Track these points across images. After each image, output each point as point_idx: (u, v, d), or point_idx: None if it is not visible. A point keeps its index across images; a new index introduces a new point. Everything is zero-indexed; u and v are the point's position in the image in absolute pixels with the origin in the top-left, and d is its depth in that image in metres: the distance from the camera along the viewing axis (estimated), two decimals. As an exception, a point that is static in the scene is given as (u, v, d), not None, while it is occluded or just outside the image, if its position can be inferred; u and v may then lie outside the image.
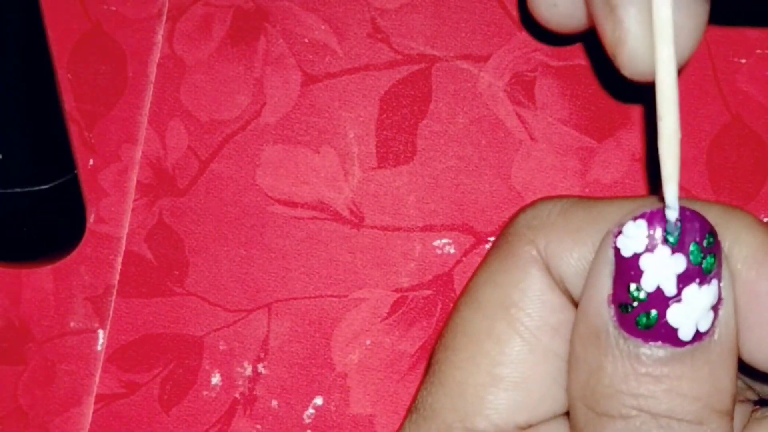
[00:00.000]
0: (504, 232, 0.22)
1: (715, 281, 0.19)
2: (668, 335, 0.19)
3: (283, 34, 0.33)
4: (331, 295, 0.33)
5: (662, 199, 0.20)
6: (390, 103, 0.33)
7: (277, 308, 0.33)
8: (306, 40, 0.33)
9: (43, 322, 0.33)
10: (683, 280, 0.19)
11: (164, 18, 0.33)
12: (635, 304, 0.19)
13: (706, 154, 0.32)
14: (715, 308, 0.19)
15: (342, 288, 0.33)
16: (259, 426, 0.33)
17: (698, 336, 0.19)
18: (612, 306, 0.20)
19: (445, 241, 0.33)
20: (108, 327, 0.33)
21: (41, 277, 0.33)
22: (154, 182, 0.33)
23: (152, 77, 0.33)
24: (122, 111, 0.33)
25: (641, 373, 0.19)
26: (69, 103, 0.33)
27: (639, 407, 0.19)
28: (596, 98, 0.33)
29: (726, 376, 0.19)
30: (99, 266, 0.33)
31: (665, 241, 0.19)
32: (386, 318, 0.33)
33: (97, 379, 0.33)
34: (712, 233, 0.19)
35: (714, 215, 0.20)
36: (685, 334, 0.19)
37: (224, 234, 0.33)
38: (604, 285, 0.20)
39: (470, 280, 0.22)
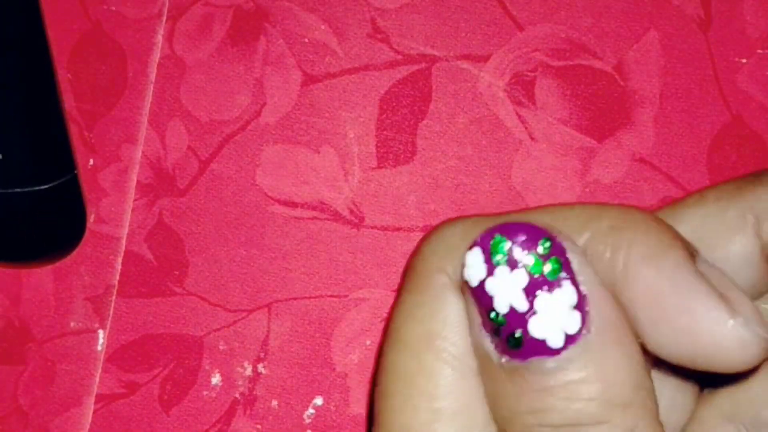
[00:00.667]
0: (411, 265, 0.22)
1: (566, 282, 0.19)
2: (539, 348, 0.19)
3: (283, 34, 0.33)
4: (331, 295, 0.33)
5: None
6: (390, 103, 0.33)
7: (277, 308, 0.33)
8: (306, 40, 0.33)
9: (43, 322, 0.33)
10: (530, 292, 0.19)
11: (164, 18, 0.33)
12: (500, 328, 0.19)
13: (706, 154, 0.32)
14: (580, 307, 0.19)
15: (342, 288, 0.33)
16: (259, 426, 0.33)
17: (570, 339, 0.19)
18: (486, 334, 0.20)
19: (445, 241, 0.33)
20: (108, 327, 0.33)
21: (41, 277, 0.33)
22: (154, 182, 0.33)
23: (152, 77, 0.33)
24: (122, 111, 0.33)
25: (531, 390, 0.19)
26: (69, 103, 0.33)
27: (539, 423, 0.19)
28: (596, 98, 0.33)
29: (618, 367, 0.19)
30: (99, 266, 0.33)
31: (501, 261, 0.19)
32: (386, 318, 0.33)
33: (97, 379, 0.33)
34: (547, 237, 0.19)
35: (611, 217, 0.20)
36: (555, 341, 0.19)
37: (224, 234, 0.33)
38: (476, 315, 0.20)
39: (388, 321, 0.22)
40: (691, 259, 0.20)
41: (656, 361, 0.23)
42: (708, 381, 0.25)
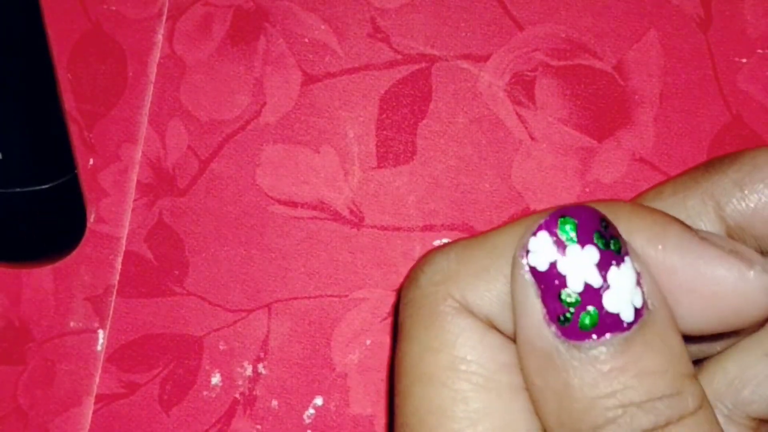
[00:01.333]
0: (410, 298, 0.22)
1: (627, 258, 0.20)
2: (614, 323, 0.19)
3: (283, 34, 0.33)
4: (331, 295, 0.33)
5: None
6: (390, 103, 0.33)
7: (277, 308, 0.33)
8: (306, 40, 0.33)
9: (43, 322, 0.33)
10: (602, 267, 0.20)
11: (164, 18, 0.33)
12: (572, 309, 0.20)
13: (706, 154, 0.32)
14: (638, 282, 0.20)
15: (342, 288, 0.33)
16: (259, 426, 0.33)
17: (638, 312, 0.20)
18: (551, 323, 0.20)
19: (445, 240, 0.33)
20: (108, 327, 0.33)
21: (41, 277, 0.33)
22: (154, 182, 0.33)
23: (152, 77, 0.33)
24: (122, 111, 0.33)
25: (607, 372, 0.19)
26: (69, 103, 0.33)
27: (621, 404, 0.19)
28: (596, 98, 0.32)
29: (676, 340, 0.20)
30: (99, 266, 0.33)
31: (571, 240, 0.20)
32: (386, 318, 0.33)
33: (97, 379, 0.33)
34: (603, 218, 0.20)
35: (600, 210, 0.21)
36: (627, 315, 0.19)
37: (224, 234, 0.33)
38: (535, 308, 0.20)
39: (398, 362, 0.22)
40: (691, 230, 0.21)
41: None
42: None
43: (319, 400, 0.33)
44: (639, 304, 0.20)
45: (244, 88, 0.33)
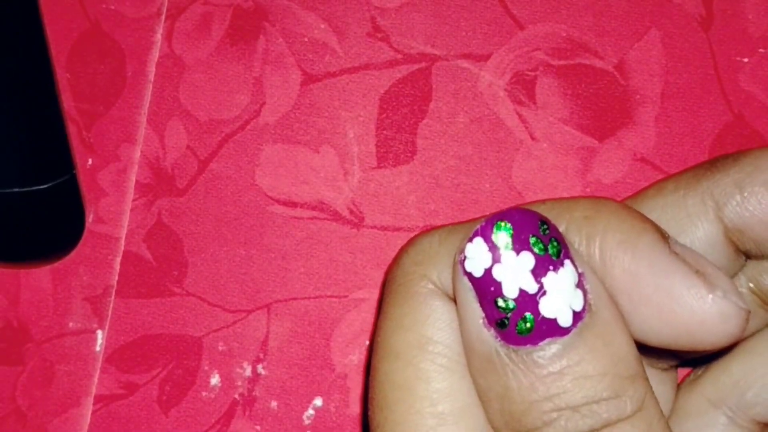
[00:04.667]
0: (392, 277, 0.23)
1: (567, 261, 0.20)
2: (551, 328, 0.19)
3: (283, 34, 0.33)
4: (331, 296, 0.33)
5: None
6: (390, 103, 0.33)
7: (276, 308, 0.33)
8: (305, 40, 0.33)
9: (41, 323, 0.33)
10: (538, 273, 0.20)
11: (163, 17, 0.33)
12: (509, 315, 0.20)
13: (707, 154, 0.32)
14: (580, 285, 0.20)
15: (342, 288, 0.33)
16: (258, 427, 0.33)
17: (577, 316, 0.20)
18: (490, 327, 0.20)
19: (445, 241, 0.32)
20: (107, 327, 0.33)
21: (40, 277, 0.33)
22: (153, 182, 0.33)
23: (151, 76, 0.33)
24: (121, 110, 0.33)
25: (544, 375, 0.19)
26: (68, 102, 0.33)
27: (557, 407, 0.19)
28: (597, 97, 0.32)
29: (621, 341, 0.20)
30: (98, 266, 0.33)
31: (506, 246, 0.20)
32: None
33: (95, 379, 0.33)
34: (544, 221, 0.20)
35: (583, 208, 0.21)
36: (565, 320, 0.19)
37: (223, 234, 0.33)
38: (474, 312, 0.20)
39: (374, 337, 0.23)
40: (664, 241, 0.20)
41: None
42: (690, 364, 0.26)
43: (318, 401, 0.33)
44: (579, 308, 0.20)
45: (243, 87, 0.33)
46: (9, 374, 0.33)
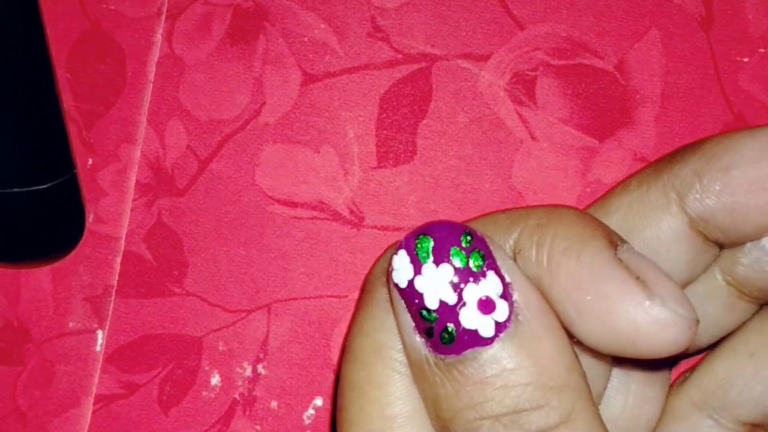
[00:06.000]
0: (363, 284, 0.23)
1: (490, 273, 0.20)
2: (472, 339, 0.20)
3: (283, 33, 0.33)
4: (331, 296, 0.33)
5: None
6: (390, 103, 0.33)
7: (276, 308, 0.33)
8: (306, 39, 0.33)
9: (41, 323, 0.33)
10: (457, 285, 0.20)
11: (163, 17, 0.33)
12: (433, 325, 0.20)
13: (708, 154, 0.32)
14: (506, 295, 0.20)
15: (342, 288, 0.33)
16: (258, 427, 0.33)
17: (500, 326, 0.20)
18: (420, 336, 0.20)
19: (445, 241, 0.32)
20: (107, 327, 0.33)
21: (40, 277, 0.33)
22: (153, 182, 0.33)
23: (151, 76, 0.33)
24: (121, 110, 0.33)
25: (468, 384, 0.20)
26: (68, 102, 0.33)
27: (480, 416, 0.20)
28: (597, 97, 0.32)
29: (549, 351, 0.20)
30: (98, 266, 0.33)
31: (425, 258, 0.20)
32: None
33: (96, 379, 0.33)
34: (468, 232, 0.20)
35: (537, 216, 0.21)
36: (486, 330, 0.20)
37: (223, 234, 0.33)
38: (406, 320, 0.21)
39: (345, 337, 0.23)
40: (610, 247, 0.20)
41: (618, 359, 0.24)
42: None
43: (319, 401, 0.33)
44: (502, 318, 0.20)
45: (243, 87, 0.33)
46: (9, 374, 0.33)
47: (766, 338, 0.24)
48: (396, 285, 0.21)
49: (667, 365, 0.25)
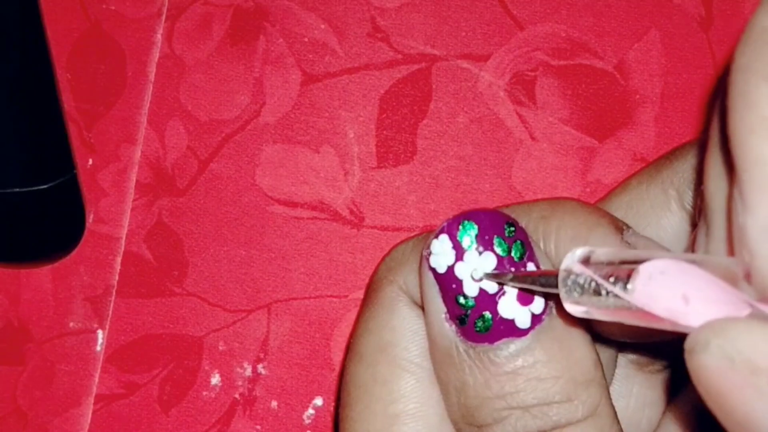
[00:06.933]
0: (369, 283, 0.23)
1: (530, 264, 0.20)
2: (508, 329, 0.20)
3: (283, 34, 0.33)
4: (331, 295, 0.33)
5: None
6: (390, 103, 0.33)
7: (276, 308, 0.33)
8: (306, 40, 0.33)
9: (42, 323, 0.33)
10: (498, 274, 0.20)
11: (163, 17, 0.33)
12: (468, 312, 0.20)
13: (707, 154, 0.32)
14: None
15: (342, 288, 0.33)
16: (258, 426, 0.33)
17: (536, 318, 0.20)
18: (451, 322, 0.20)
19: (445, 241, 0.32)
20: (107, 327, 0.33)
21: (40, 277, 0.33)
22: (153, 182, 0.33)
23: (151, 77, 0.33)
24: (121, 111, 0.33)
25: (499, 374, 0.20)
26: (68, 102, 0.33)
27: (509, 406, 0.20)
28: (597, 98, 0.32)
29: (579, 345, 0.20)
30: (98, 266, 0.33)
31: (469, 245, 0.20)
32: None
33: (96, 379, 0.33)
34: (511, 222, 0.20)
35: (540, 209, 0.21)
36: (522, 321, 0.20)
37: (224, 234, 0.33)
38: (438, 306, 0.21)
39: (349, 337, 0.23)
40: (617, 232, 0.21)
41: (621, 346, 0.24)
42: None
43: (318, 401, 0.33)
44: (539, 311, 0.20)
45: (243, 87, 0.33)
46: (9, 374, 0.33)
47: None
48: (433, 270, 0.20)
49: (665, 368, 0.25)
